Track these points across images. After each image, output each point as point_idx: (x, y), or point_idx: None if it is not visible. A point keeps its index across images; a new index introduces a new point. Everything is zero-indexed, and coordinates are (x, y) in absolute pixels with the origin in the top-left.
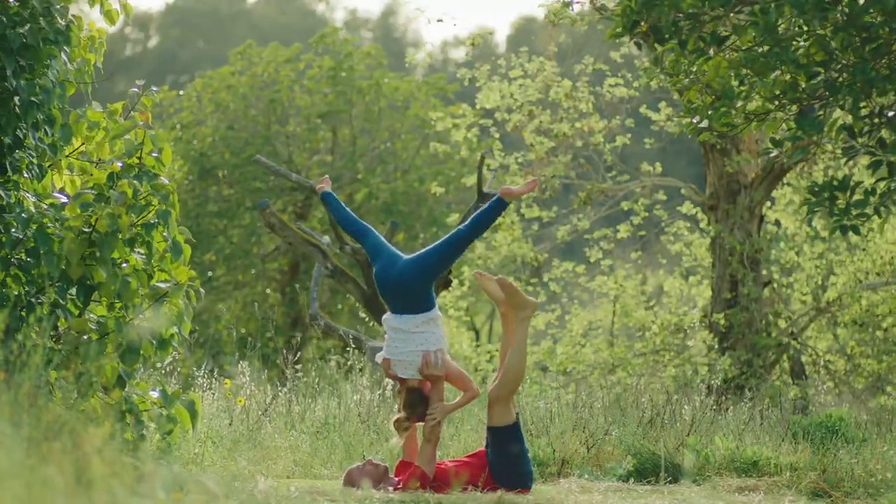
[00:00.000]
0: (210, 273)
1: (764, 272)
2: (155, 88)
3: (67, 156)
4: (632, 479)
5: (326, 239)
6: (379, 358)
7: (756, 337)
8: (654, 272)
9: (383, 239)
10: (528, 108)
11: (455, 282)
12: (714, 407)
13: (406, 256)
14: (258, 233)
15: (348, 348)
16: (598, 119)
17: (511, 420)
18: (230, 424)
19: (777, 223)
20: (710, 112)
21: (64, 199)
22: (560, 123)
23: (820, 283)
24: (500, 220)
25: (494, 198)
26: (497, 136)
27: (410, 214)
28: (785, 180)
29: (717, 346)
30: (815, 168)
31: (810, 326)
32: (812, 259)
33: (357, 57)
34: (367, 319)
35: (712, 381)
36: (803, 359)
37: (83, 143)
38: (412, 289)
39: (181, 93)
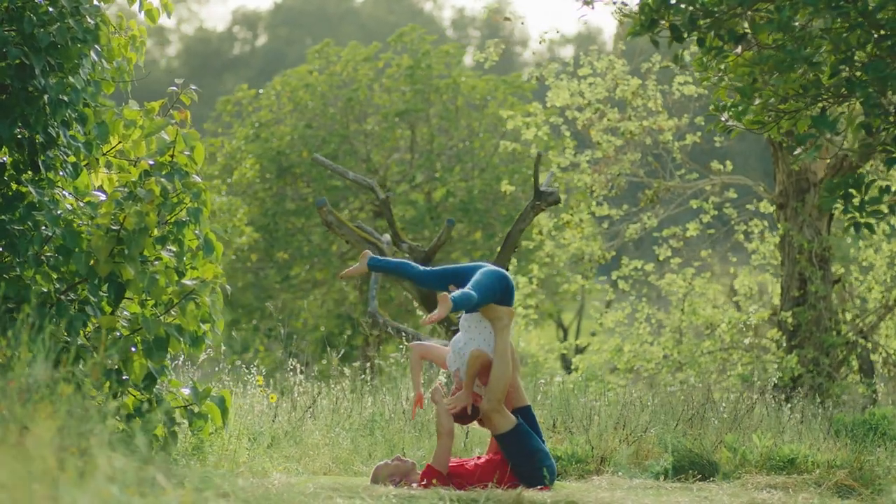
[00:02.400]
0: (289, 272)
1: (834, 269)
2: (194, 87)
3: (105, 154)
4: (662, 477)
5: (386, 237)
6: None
7: (824, 335)
8: (724, 270)
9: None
10: (596, 106)
11: (524, 279)
12: (773, 405)
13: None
14: None
15: (401, 345)
16: (667, 117)
17: (513, 423)
18: (273, 421)
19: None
20: (732, 110)
21: (103, 198)
22: (628, 122)
23: (889, 281)
24: (568, 217)
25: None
26: (568, 134)
27: (487, 213)
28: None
29: (784, 345)
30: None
31: (881, 325)
32: (886, 257)
33: (435, 55)
34: (423, 316)
35: (770, 380)
36: (873, 357)
37: (120, 142)
38: None
39: (261, 91)
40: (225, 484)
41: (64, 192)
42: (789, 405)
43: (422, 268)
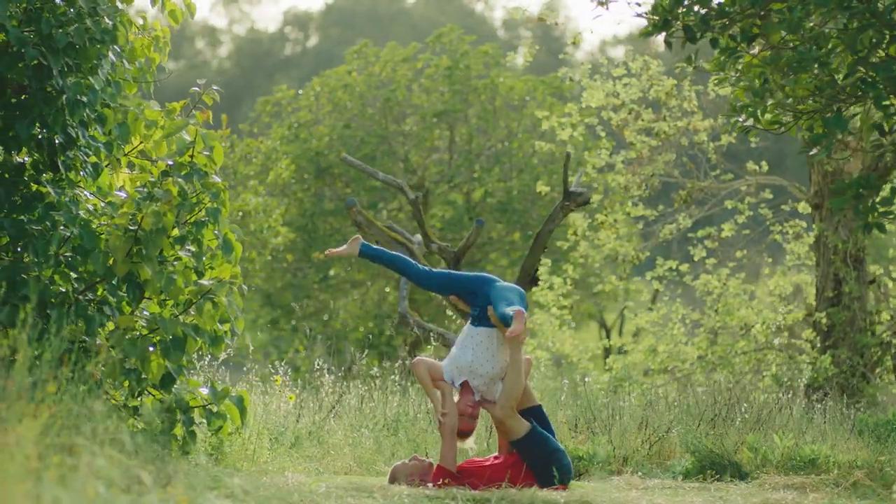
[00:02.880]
0: (331, 272)
1: (873, 270)
2: (216, 88)
3: (126, 154)
4: (680, 477)
5: (418, 238)
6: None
7: (858, 336)
8: (759, 271)
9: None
10: (630, 106)
11: (559, 280)
12: (801, 405)
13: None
14: None
15: (429, 346)
16: (702, 118)
17: (527, 428)
18: (297, 421)
19: None
20: (748, 110)
21: (125, 198)
22: (662, 122)
23: None
24: (602, 218)
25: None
26: (603, 134)
27: (525, 213)
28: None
29: (819, 345)
30: None
31: None
32: None
33: (474, 56)
34: (453, 316)
35: (800, 380)
36: None
37: (142, 142)
38: None
39: (300, 92)
40: (229, 483)
41: (85, 193)
42: (821, 405)
43: (422, 267)
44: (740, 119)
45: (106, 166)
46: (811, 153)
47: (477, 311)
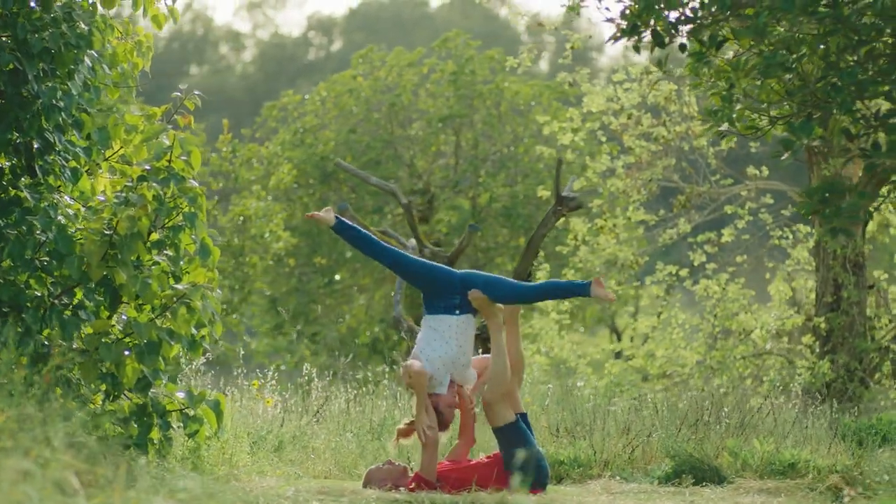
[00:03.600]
0: (337, 276)
1: (877, 275)
2: (198, 92)
3: (107, 159)
4: (657, 482)
5: (412, 242)
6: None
7: (857, 341)
8: (759, 276)
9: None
10: (630, 111)
11: None
12: (788, 410)
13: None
14: None
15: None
16: (702, 123)
17: (511, 418)
18: (282, 425)
19: None
20: (719, 115)
21: (104, 202)
22: (660, 127)
23: None
24: (602, 222)
25: (582, 286)
26: (604, 139)
27: (531, 218)
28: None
29: (818, 350)
30: None
31: None
32: None
33: (479, 61)
34: None
35: (794, 385)
36: None
37: (122, 147)
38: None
39: (306, 97)
40: (184, 485)
41: (66, 197)
42: (812, 410)
43: (395, 250)
44: (720, 126)
45: (86, 171)
46: (783, 157)
47: (458, 300)
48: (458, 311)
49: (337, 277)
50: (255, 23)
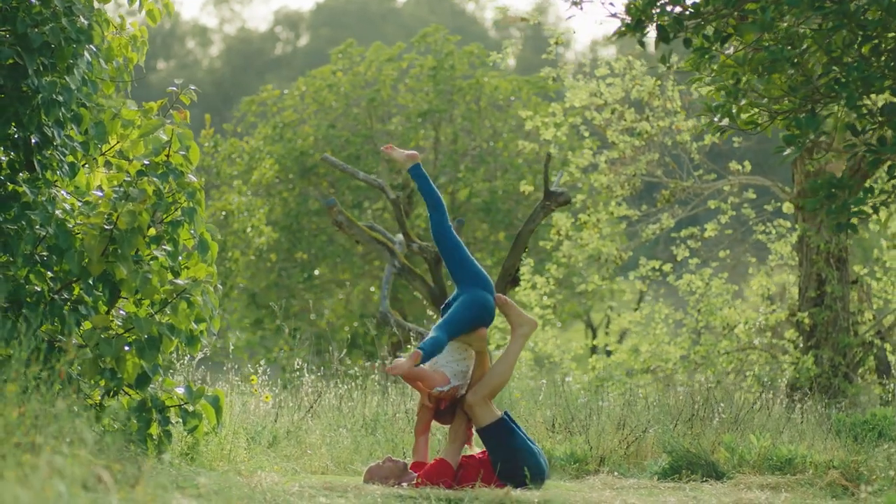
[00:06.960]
0: (316, 271)
1: (858, 269)
2: (194, 88)
3: (104, 154)
4: (656, 477)
5: (399, 237)
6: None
7: (841, 336)
8: (742, 271)
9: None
10: (613, 106)
11: (541, 279)
12: (779, 405)
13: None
14: None
15: (409, 346)
16: (686, 118)
17: (496, 417)
18: (276, 421)
19: None
20: (722, 110)
21: (101, 197)
22: (643, 122)
23: None
24: (585, 217)
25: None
26: (587, 134)
27: (510, 213)
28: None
29: (801, 345)
30: None
31: None
32: None
33: (459, 56)
34: (434, 317)
35: (780, 381)
36: (890, 357)
37: (119, 142)
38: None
39: (285, 92)
40: (199, 482)
41: (63, 192)
42: (800, 405)
43: (446, 222)
44: (715, 119)
45: (83, 166)
46: (785, 153)
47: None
48: None
49: (316, 272)
50: (222, 18)
